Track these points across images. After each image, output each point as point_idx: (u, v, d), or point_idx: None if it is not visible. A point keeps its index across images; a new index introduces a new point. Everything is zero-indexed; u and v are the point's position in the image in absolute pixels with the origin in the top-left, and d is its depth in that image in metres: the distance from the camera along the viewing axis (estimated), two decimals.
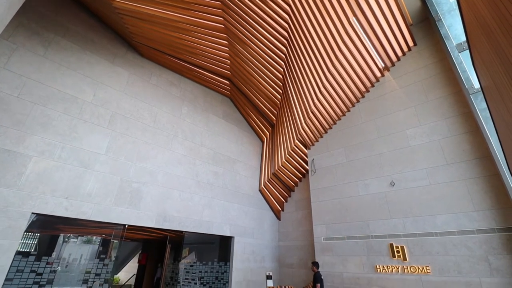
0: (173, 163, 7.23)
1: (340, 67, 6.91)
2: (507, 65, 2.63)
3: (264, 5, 6.29)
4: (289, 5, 6.20)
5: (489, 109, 4.97)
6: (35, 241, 4.86)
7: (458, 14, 6.04)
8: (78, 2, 6.70)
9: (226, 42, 7.59)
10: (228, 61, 8.31)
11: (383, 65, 7.52)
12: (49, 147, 5.22)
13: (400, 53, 7.44)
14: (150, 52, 7.63)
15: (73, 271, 5.14)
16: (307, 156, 8.95)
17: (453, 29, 6.45)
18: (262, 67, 7.95)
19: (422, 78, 6.96)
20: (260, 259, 8.55)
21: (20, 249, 4.60)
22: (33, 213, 4.79)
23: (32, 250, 4.76)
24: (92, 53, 6.53)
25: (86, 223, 5.51)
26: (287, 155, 8.67)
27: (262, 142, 10.65)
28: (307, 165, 8.91)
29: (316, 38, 6.43)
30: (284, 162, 8.81)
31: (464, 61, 6.12)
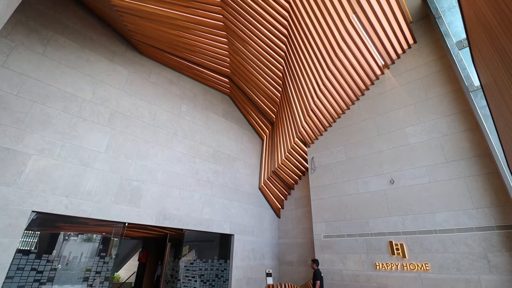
0: (173, 161, 7.23)
1: (340, 65, 6.89)
2: (507, 63, 2.62)
3: (264, 3, 6.26)
4: (289, 3, 6.17)
5: (489, 107, 4.97)
6: (36, 239, 4.87)
7: (458, 11, 6.03)
8: (76, 0, 6.67)
9: (226, 40, 7.57)
10: (228, 59, 8.29)
11: (383, 63, 7.51)
12: (49, 145, 5.22)
13: (400, 51, 7.43)
14: (149, 50, 7.61)
15: (74, 269, 5.15)
16: (307, 154, 8.95)
17: (453, 27, 6.43)
18: (262, 65, 7.93)
19: (422, 76, 6.95)
20: (260, 257, 8.58)
21: (21, 247, 4.61)
22: (33, 211, 4.80)
23: (33, 248, 4.77)
24: (91, 51, 6.51)
25: (86, 221, 5.52)
26: (287, 153, 8.67)
27: (262, 140, 10.65)
28: (307, 163, 8.92)
29: (316, 36, 6.41)
30: (284, 160, 8.82)
31: (464, 59, 6.11)
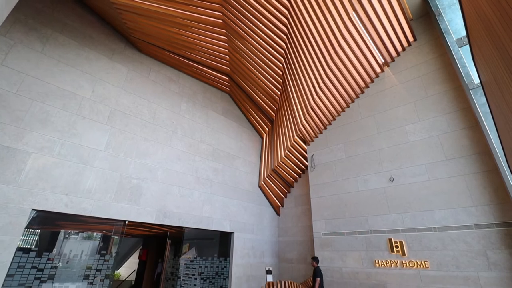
0: (173, 159, 7.23)
1: (340, 63, 6.87)
2: (507, 60, 2.62)
3: (263, 0, 6.23)
4: (289, 0, 6.15)
5: (489, 105, 4.96)
6: (36, 238, 4.88)
7: (459, 9, 6.00)
8: None
9: (225, 38, 7.54)
10: (227, 57, 8.27)
11: (383, 61, 7.49)
12: (48, 144, 5.22)
13: (400, 48, 7.41)
14: (149, 48, 7.58)
15: (74, 267, 5.17)
16: (307, 152, 8.95)
17: (453, 24, 6.41)
18: (261, 63, 7.91)
19: (422, 74, 6.94)
20: (260, 255, 8.61)
21: (21, 246, 4.62)
22: (33, 210, 4.81)
23: (33, 246, 4.78)
24: (90, 49, 6.49)
25: (87, 219, 5.53)
26: (287, 151, 8.68)
27: (262, 138, 10.65)
28: (307, 161, 8.93)
29: (316, 34, 6.39)
30: (284, 158, 8.82)
31: (464, 56, 6.10)
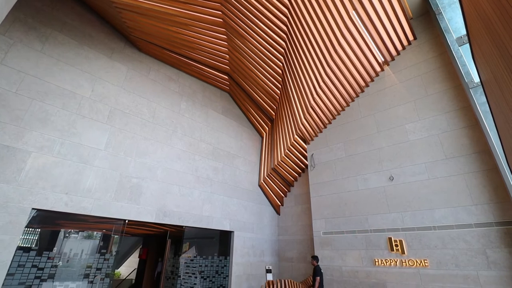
0: (173, 159, 7.23)
1: (340, 62, 6.87)
2: (507, 59, 2.61)
3: None
4: None
5: (489, 104, 4.96)
6: (36, 237, 4.89)
7: (459, 7, 5.99)
8: None
9: (225, 37, 7.53)
10: (227, 56, 8.26)
11: (383, 60, 7.48)
12: (48, 143, 5.21)
13: (400, 47, 7.40)
14: (148, 47, 7.57)
15: (74, 266, 5.18)
16: (307, 151, 8.95)
17: (454, 23, 6.40)
18: (261, 62, 7.90)
19: (422, 72, 6.93)
20: (260, 253, 8.62)
21: (21, 245, 4.62)
22: (34, 209, 4.81)
23: (33, 246, 4.78)
24: (90, 48, 6.48)
25: (87, 218, 5.54)
26: (287, 150, 8.67)
27: (262, 137, 10.64)
28: (307, 160, 8.93)
29: (316, 32, 6.38)
30: (284, 157, 8.82)
31: (464, 55, 6.09)
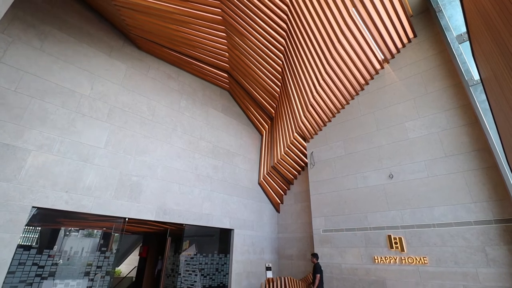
0: (172, 157, 7.24)
1: (340, 60, 6.85)
2: (507, 56, 2.61)
3: None
4: None
5: (489, 101, 4.96)
6: (37, 235, 4.90)
7: (459, 5, 5.97)
8: None
9: (224, 34, 7.51)
10: (227, 54, 8.24)
11: (383, 57, 7.47)
12: (48, 141, 5.21)
13: (400, 45, 7.38)
14: (148, 45, 7.55)
15: (75, 264, 5.20)
16: (306, 149, 8.96)
17: (454, 20, 6.38)
18: (261, 60, 7.89)
19: (422, 70, 6.92)
20: (260, 251, 8.65)
21: (22, 243, 4.64)
22: (34, 207, 4.82)
23: (34, 244, 4.80)
24: (89, 46, 6.46)
25: (87, 217, 5.55)
26: (286, 148, 8.68)
27: (261, 135, 10.64)
28: (306, 158, 8.93)
29: (315, 30, 6.36)
30: (283, 155, 8.83)
31: (464, 53, 6.08)
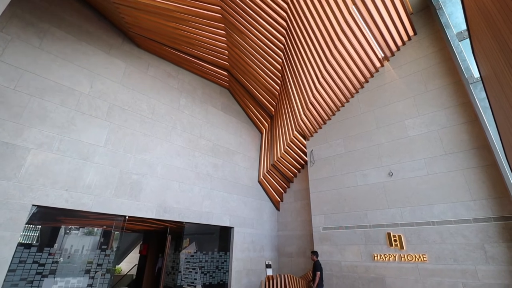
0: (172, 155, 7.24)
1: (339, 57, 6.83)
2: (507, 53, 2.60)
3: None
4: None
5: (488, 99, 4.95)
6: (37, 233, 4.91)
7: (459, 2, 5.95)
8: None
9: (224, 32, 7.48)
10: (226, 52, 8.21)
11: (383, 55, 7.45)
12: (48, 140, 5.21)
13: (400, 43, 7.36)
14: (147, 43, 7.53)
15: (75, 262, 5.21)
16: (306, 147, 8.96)
17: (454, 17, 6.36)
18: (261, 58, 7.87)
19: (422, 68, 6.91)
20: (260, 249, 8.67)
21: (22, 241, 4.65)
22: (34, 205, 4.83)
23: (34, 242, 4.81)
24: (88, 44, 6.44)
25: (87, 215, 5.56)
26: (286, 146, 8.68)
27: (261, 134, 10.64)
28: (306, 156, 8.94)
29: (315, 28, 6.34)
30: (283, 153, 8.83)
31: (464, 50, 6.06)
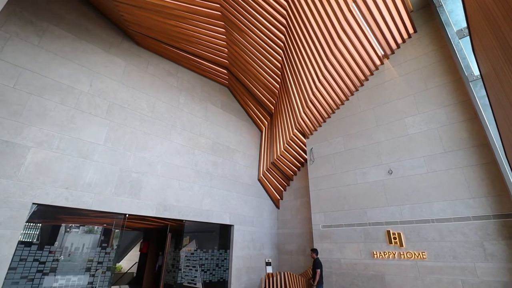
0: (172, 153, 7.24)
1: (339, 55, 6.82)
2: (507, 51, 2.60)
3: None
4: None
5: (488, 97, 4.95)
6: (37, 231, 4.92)
7: None
8: None
9: (223, 30, 7.46)
10: (226, 50, 8.19)
11: (383, 53, 7.43)
12: (47, 138, 5.21)
13: (400, 41, 7.34)
14: (147, 41, 7.51)
15: (76, 260, 5.23)
16: (306, 145, 8.96)
17: (454, 15, 6.34)
18: (260, 56, 7.85)
19: (422, 66, 6.90)
20: (260, 247, 8.70)
21: (23, 239, 4.66)
22: (34, 204, 4.84)
23: (35, 240, 4.82)
24: (88, 42, 6.42)
25: (87, 213, 5.57)
26: (286, 145, 8.68)
27: (261, 132, 10.64)
28: (306, 154, 8.94)
29: (315, 26, 6.32)
30: (283, 152, 8.84)
31: (465, 48, 6.05)
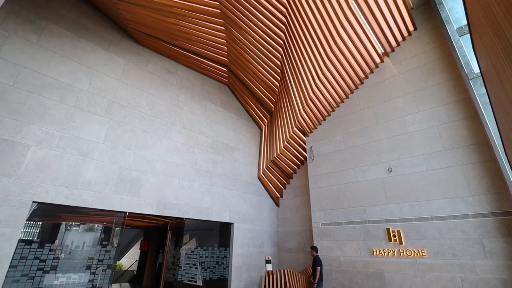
0: (172, 151, 7.24)
1: (339, 53, 6.80)
2: (508, 48, 2.59)
3: None
4: None
5: (488, 95, 4.95)
6: (38, 229, 4.93)
7: None
8: None
9: (223, 28, 7.44)
10: (225, 48, 8.17)
11: (383, 51, 7.41)
12: (47, 136, 5.21)
13: (400, 38, 7.32)
14: (146, 39, 7.48)
15: (76, 258, 5.25)
16: (306, 143, 8.96)
17: (454, 13, 6.32)
18: (260, 53, 7.83)
19: (422, 64, 6.88)
20: (260, 244, 8.73)
21: (23, 237, 4.67)
22: (34, 202, 4.84)
23: (35, 238, 4.84)
24: (87, 40, 6.40)
25: (87, 211, 5.58)
26: (286, 143, 8.68)
27: (261, 130, 10.63)
28: (306, 152, 8.94)
29: (315, 23, 6.30)
30: (283, 150, 8.84)
31: (465, 46, 6.04)
